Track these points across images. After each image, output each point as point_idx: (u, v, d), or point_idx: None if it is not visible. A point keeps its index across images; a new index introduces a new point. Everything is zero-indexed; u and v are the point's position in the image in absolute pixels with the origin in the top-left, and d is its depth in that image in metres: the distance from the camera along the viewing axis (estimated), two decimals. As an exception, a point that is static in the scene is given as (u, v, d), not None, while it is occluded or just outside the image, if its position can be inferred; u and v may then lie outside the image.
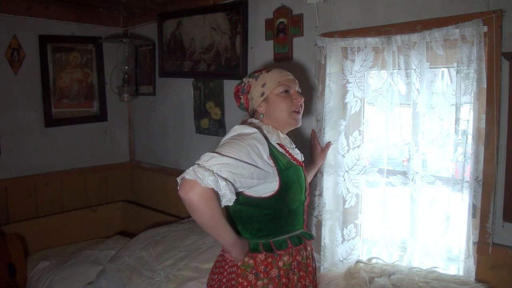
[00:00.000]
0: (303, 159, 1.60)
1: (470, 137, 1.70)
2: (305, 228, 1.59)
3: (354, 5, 2.03)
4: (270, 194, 1.41)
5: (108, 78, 3.39)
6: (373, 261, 1.93)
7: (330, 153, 2.07)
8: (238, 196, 1.37)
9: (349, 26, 2.04)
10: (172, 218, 3.10)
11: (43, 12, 2.97)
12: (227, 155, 1.28)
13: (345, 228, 2.10)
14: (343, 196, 2.07)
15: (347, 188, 2.06)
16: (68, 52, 3.16)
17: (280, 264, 1.44)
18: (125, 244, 2.64)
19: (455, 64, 1.71)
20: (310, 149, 2.04)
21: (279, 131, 1.54)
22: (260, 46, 2.46)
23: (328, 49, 2.05)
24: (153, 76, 3.26)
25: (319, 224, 2.14)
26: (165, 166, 3.26)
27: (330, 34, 2.07)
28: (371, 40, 1.92)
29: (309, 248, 1.58)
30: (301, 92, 1.59)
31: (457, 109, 1.71)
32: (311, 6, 2.16)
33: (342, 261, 2.08)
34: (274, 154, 1.43)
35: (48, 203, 3.13)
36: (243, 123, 1.51)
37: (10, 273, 2.55)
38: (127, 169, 3.60)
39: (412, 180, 1.84)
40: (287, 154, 1.51)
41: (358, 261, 1.93)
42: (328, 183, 2.11)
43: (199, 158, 1.27)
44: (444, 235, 1.77)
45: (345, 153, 2.05)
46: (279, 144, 1.51)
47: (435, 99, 1.79)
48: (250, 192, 1.41)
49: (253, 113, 1.58)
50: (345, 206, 2.08)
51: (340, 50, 2.05)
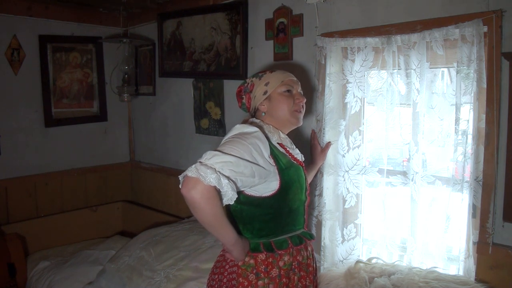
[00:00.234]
0: (304, 159, 1.60)
1: (470, 137, 1.70)
2: (306, 228, 1.59)
3: (354, 5, 2.03)
4: (271, 194, 1.42)
5: (108, 78, 3.39)
6: (373, 261, 1.93)
7: (330, 153, 2.08)
8: (239, 196, 1.37)
9: (349, 26, 2.04)
10: (172, 218, 3.10)
11: (43, 12, 2.97)
12: (229, 154, 1.28)
13: (345, 228, 2.10)
14: (343, 196, 2.07)
15: (347, 188, 2.06)
16: (68, 52, 3.16)
17: (281, 264, 1.45)
18: (125, 244, 2.64)
19: (455, 64, 1.71)
20: (310, 149, 2.04)
21: (280, 131, 1.54)
22: (260, 46, 2.46)
23: (328, 49, 2.05)
24: (153, 76, 3.26)
25: (319, 224, 2.14)
26: (165, 166, 3.26)
27: (330, 34, 2.07)
28: (371, 40, 1.92)
29: (310, 248, 1.58)
30: (302, 93, 1.60)
31: (457, 109, 1.71)
32: (311, 6, 2.16)
33: (342, 261, 2.08)
34: (275, 154, 1.44)
35: (48, 203, 3.13)
36: (244, 123, 1.51)
37: (10, 273, 2.55)
38: (127, 169, 3.60)
39: (412, 180, 1.84)
40: (288, 154, 1.52)
41: (358, 261, 1.93)
42: (328, 183, 2.12)
43: (201, 156, 1.27)
44: (444, 235, 1.77)
45: (345, 153, 2.05)
46: (280, 144, 1.51)
47: (435, 99, 1.79)
48: (251, 192, 1.41)
49: (255, 112, 1.59)
50: (345, 206, 2.08)
51: (340, 50, 2.05)
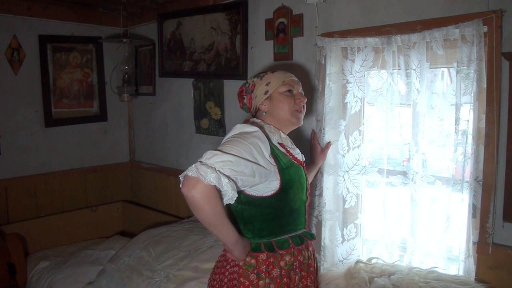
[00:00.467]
0: (304, 159, 1.60)
1: (470, 137, 1.70)
2: (307, 228, 1.59)
3: (354, 5, 2.03)
4: (272, 193, 1.42)
5: (108, 78, 3.39)
6: (373, 261, 1.93)
7: (330, 153, 2.08)
8: (240, 195, 1.37)
9: (349, 26, 2.04)
10: (172, 218, 3.10)
11: (43, 12, 2.98)
12: (229, 153, 1.28)
13: (345, 228, 2.10)
14: (343, 196, 2.07)
15: (347, 188, 2.06)
16: (68, 52, 3.16)
17: (282, 264, 1.45)
18: (125, 244, 2.63)
19: (455, 64, 1.71)
20: (310, 149, 2.05)
21: (281, 131, 1.55)
22: (260, 46, 2.46)
23: (328, 49, 2.05)
24: (153, 76, 3.26)
25: (319, 224, 2.14)
26: (165, 166, 3.26)
27: (330, 34, 2.07)
28: (371, 40, 1.92)
29: (311, 248, 1.58)
30: (303, 93, 1.61)
31: (457, 109, 1.71)
32: (311, 6, 2.16)
33: (342, 261, 2.08)
34: (275, 153, 1.44)
35: (48, 203, 3.13)
36: (245, 123, 1.52)
37: (10, 273, 2.54)
38: (127, 169, 3.60)
39: (412, 180, 1.84)
40: (288, 154, 1.52)
41: (358, 261, 1.93)
42: (328, 183, 2.12)
43: (202, 156, 1.28)
44: (444, 235, 1.77)
45: (345, 153, 2.05)
46: (280, 144, 1.52)
47: (435, 99, 1.79)
48: (252, 192, 1.41)
49: (256, 112, 1.59)
50: (345, 206, 2.08)
51: (340, 50, 2.05)
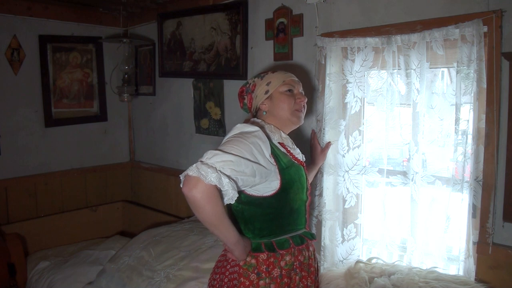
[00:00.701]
0: (304, 159, 1.60)
1: (470, 137, 1.70)
2: (307, 228, 1.59)
3: (354, 5, 2.03)
4: (272, 193, 1.42)
5: (108, 78, 3.39)
6: (373, 261, 1.93)
7: (330, 153, 2.08)
8: (240, 195, 1.37)
9: (349, 26, 2.04)
10: (172, 218, 3.10)
11: (43, 12, 2.97)
12: (230, 153, 1.28)
13: (345, 228, 2.10)
14: (343, 196, 2.07)
15: (347, 188, 2.06)
16: (68, 52, 3.16)
17: (282, 264, 1.45)
18: (125, 244, 2.63)
19: (455, 64, 1.71)
20: (310, 149, 2.05)
21: (281, 131, 1.55)
22: (260, 46, 2.46)
23: (328, 49, 2.05)
24: (153, 76, 3.26)
25: (319, 224, 2.14)
26: (165, 166, 3.26)
27: (330, 34, 2.07)
28: (371, 40, 1.92)
29: (311, 249, 1.58)
30: (303, 93, 1.61)
31: (457, 109, 1.71)
32: (311, 6, 2.16)
33: (342, 261, 2.08)
34: (276, 153, 1.44)
35: (48, 203, 3.13)
36: (246, 122, 1.52)
37: (10, 273, 2.54)
38: (127, 169, 3.60)
39: (412, 180, 1.84)
40: (288, 154, 1.52)
41: (358, 261, 1.93)
42: (328, 183, 2.12)
43: (202, 156, 1.28)
44: (444, 235, 1.77)
45: (345, 153, 2.05)
46: (281, 144, 1.52)
47: (435, 99, 1.79)
48: (252, 191, 1.41)
49: (256, 112, 1.59)
50: (345, 206, 2.08)
51: (340, 50, 2.05)
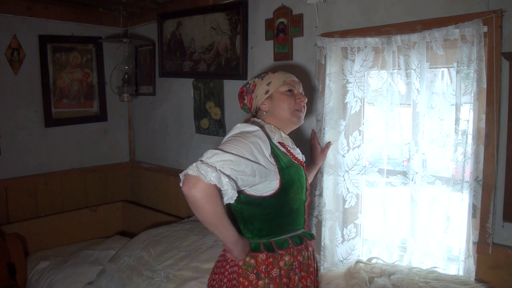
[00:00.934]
0: (304, 159, 1.60)
1: (470, 137, 1.70)
2: (306, 228, 1.59)
3: (354, 5, 2.03)
4: (271, 193, 1.42)
5: (108, 78, 3.39)
6: (373, 261, 1.93)
7: (330, 153, 2.08)
8: (239, 195, 1.37)
9: (349, 26, 2.04)
10: (172, 218, 3.10)
11: (43, 12, 2.97)
12: (230, 152, 1.28)
13: (345, 228, 2.10)
14: (343, 196, 2.07)
15: (347, 188, 2.06)
16: (68, 52, 3.16)
17: (281, 264, 1.45)
18: (125, 244, 2.63)
19: (455, 64, 1.71)
20: (310, 149, 2.04)
21: (281, 131, 1.55)
22: (260, 46, 2.46)
23: (328, 49, 2.05)
24: (153, 76, 3.26)
25: (319, 224, 2.14)
26: (165, 166, 3.26)
27: (330, 34, 2.07)
28: (371, 40, 1.92)
29: (311, 249, 1.58)
30: (303, 93, 1.62)
31: (457, 109, 1.71)
32: (311, 6, 2.16)
33: (342, 261, 2.08)
34: (276, 153, 1.44)
35: (48, 203, 3.13)
36: (246, 122, 1.52)
37: (10, 273, 2.54)
38: (127, 169, 3.60)
39: (412, 180, 1.84)
40: (289, 153, 1.52)
41: (358, 261, 1.93)
42: (328, 183, 2.12)
43: (202, 155, 1.28)
44: (444, 235, 1.77)
45: (345, 153, 2.05)
46: (281, 143, 1.52)
47: (435, 99, 1.79)
48: (251, 191, 1.41)
49: (256, 112, 1.59)
50: (345, 206, 2.08)
51: (340, 50, 2.05)
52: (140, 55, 3.35)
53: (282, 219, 1.48)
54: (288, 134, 1.59)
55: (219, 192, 1.26)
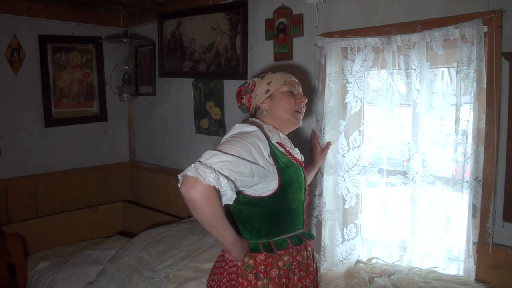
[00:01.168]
0: (303, 159, 1.60)
1: (470, 137, 1.70)
2: (306, 228, 1.59)
3: (354, 5, 2.03)
4: (270, 193, 1.41)
5: (108, 78, 3.39)
6: (373, 261, 1.93)
7: (330, 153, 2.07)
8: (238, 196, 1.37)
9: (349, 26, 2.04)
10: (172, 218, 3.10)
11: (43, 12, 2.98)
12: (229, 153, 1.28)
13: (345, 228, 2.10)
14: (343, 196, 2.07)
15: (347, 188, 2.06)
16: (68, 52, 3.16)
17: (280, 264, 1.44)
18: (125, 244, 2.64)
19: (455, 64, 1.71)
20: (310, 149, 2.04)
21: (280, 131, 1.55)
22: (260, 46, 2.46)
23: (328, 49, 2.05)
24: (153, 76, 3.26)
25: (319, 224, 2.14)
26: (165, 166, 3.26)
27: (330, 34, 2.07)
28: (371, 40, 1.92)
29: (310, 248, 1.58)
30: (302, 94, 1.61)
31: (457, 109, 1.71)
32: (311, 6, 2.16)
33: (342, 261, 2.07)
34: (275, 153, 1.44)
35: (48, 203, 3.13)
36: (244, 122, 1.51)
37: (10, 273, 2.55)
38: (127, 169, 3.60)
39: (412, 180, 1.84)
40: (287, 153, 1.52)
41: (358, 261, 1.93)
42: (328, 183, 2.11)
43: (201, 156, 1.27)
44: (444, 235, 1.77)
45: (345, 153, 2.05)
46: (279, 144, 1.51)
47: (435, 99, 1.79)
48: (250, 192, 1.41)
49: (255, 112, 1.59)
50: (345, 206, 2.08)
51: (340, 50, 2.05)
52: (140, 55, 3.35)
53: (281, 219, 1.48)
54: (287, 135, 1.59)
55: (218, 193, 1.25)
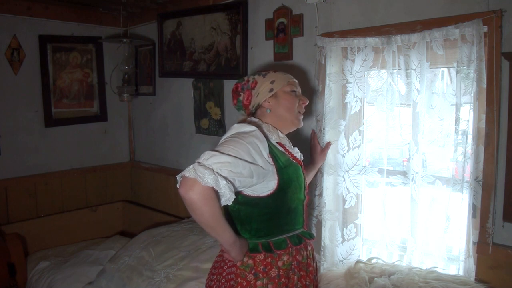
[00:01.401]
0: (303, 158, 1.60)
1: (470, 137, 1.70)
2: (305, 228, 1.59)
3: (354, 5, 2.03)
4: (269, 193, 1.41)
5: (108, 78, 3.39)
6: (373, 261, 1.93)
7: (330, 153, 2.07)
8: (237, 196, 1.36)
9: (349, 26, 2.04)
10: (172, 218, 3.10)
11: (43, 12, 2.97)
12: (227, 154, 1.27)
13: (345, 228, 2.10)
14: (343, 196, 2.07)
15: (347, 188, 2.06)
16: (68, 52, 3.16)
17: (280, 264, 1.44)
18: (125, 244, 2.64)
19: (455, 64, 1.71)
20: (310, 149, 2.04)
21: (279, 131, 1.54)
22: (260, 46, 2.46)
23: (328, 49, 2.05)
24: (153, 76, 3.26)
25: (319, 224, 2.14)
26: (165, 166, 3.26)
27: (330, 34, 2.07)
28: (371, 40, 1.92)
29: (310, 248, 1.58)
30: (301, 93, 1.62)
31: (457, 109, 1.71)
32: (311, 6, 2.16)
33: (342, 261, 2.08)
34: (274, 153, 1.43)
35: (48, 203, 3.13)
36: (242, 122, 1.50)
37: (10, 273, 2.55)
38: (127, 169, 3.60)
39: (412, 180, 1.84)
40: (287, 153, 1.51)
41: (358, 261, 1.93)
42: (328, 183, 2.11)
43: (199, 157, 1.27)
44: (444, 235, 1.77)
45: (345, 153, 2.05)
46: (279, 143, 1.51)
47: (435, 99, 1.79)
48: (249, 192, 1.40)
49: (255, 110, 1.56)
50: (345, 206, 2.08)
51: (340, 50, 2.05)
52: (140, 55, 3.35)
53: (280, 219, 1.47)
54: (286, 135, 1.58)
55: (216, 194, 1.25)
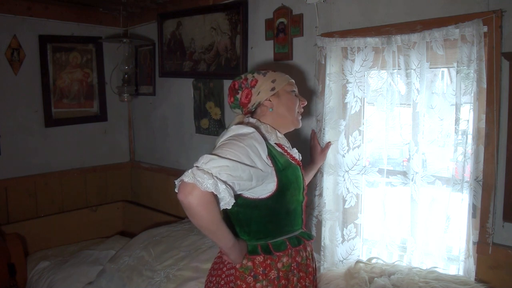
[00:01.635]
0: (301, 158, 1.60)
1: (470, 137, 1.70)
2: (304, 228, 1.58)
3: (354, 5, 2.03)
4: (268, 195, 1.40)
5: (108, 78, 3.39)
6: (373, 261, 1.93)
7: (330, 153, 2.07)
8: (236, 198, 1.34)
9: (349, 26, 2.04)
10: (172, 218, 3.10)
11: (43, 12, 2.97)
12: (226, 157, 1.25)
13: (345, 228, 2.10)
14: (343, 196, 2.07)
15: (347, 188, 2.06)
16: (68, 52, 3.16)
17: (279, 266, 1.44)
18: (125, 244, 2.64)
19: (455, 64, 1.71)
20: (310, 149, 2.04)
21: (277, 131, 1.52)
22: (260, 46, 2.46)
23: (328, 49, 2.05)
24: (153, 76, 3.26)
25: (319, 224, 2.14)
26: (165, 166, 3.26)
27: (330, 34, 2.07)
28: (371, 40, 1.92)
29: (309, 249, 1.57)
30: (301, 94, 1.62)
31: (457, 109, 1.71)
32: (311, 6, 2.16)
33: (342, 261, 2.07)
34: (273, 154, 1.42)
35: (48, 203, 3.13)
36: (239, 123, 1.47)
37: (10, 273, 2.55)
38: (127, 169, 3.60)
39: (412, 180, 1.84)
40: (286, 153, 1.51)
41: (358, 261, 1.93)
42: (328, 183, 2.11)
43: (197, 161, 1.24)
44: (444, 235, 1.77)
45: (345, 153, 2.05)
46: (277, 144, 1.50)
47: (435, 99, 1.79)
48: (248, 194, 1.39)
49: (255, 109, 1.54)
50: (345, 206, 2.08)
51: (340, 50, 2.05)
52: (140, 55, 3.35)
53: (279, 221, 1.46)
54: (284, 135, 1.56)
55: (216, 198, 1.23)
